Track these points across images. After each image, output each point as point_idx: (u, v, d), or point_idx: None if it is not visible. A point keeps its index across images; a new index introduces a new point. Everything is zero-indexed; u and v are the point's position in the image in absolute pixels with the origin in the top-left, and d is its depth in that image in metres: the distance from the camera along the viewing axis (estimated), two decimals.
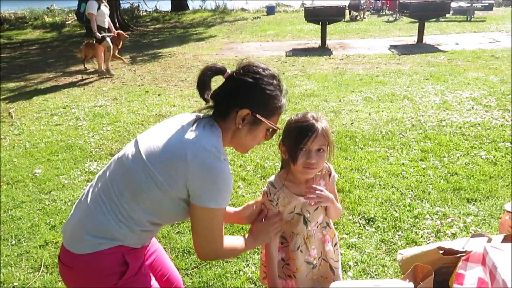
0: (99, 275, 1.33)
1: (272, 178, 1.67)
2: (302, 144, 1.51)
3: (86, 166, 4.16)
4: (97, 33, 7.95)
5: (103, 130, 5.21)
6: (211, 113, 1.44)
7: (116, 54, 9.15)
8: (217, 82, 1.44)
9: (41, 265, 2.67)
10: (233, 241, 1.50)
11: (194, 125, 1.36)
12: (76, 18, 8.49)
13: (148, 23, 19.29)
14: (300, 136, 1.50)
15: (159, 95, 6.80)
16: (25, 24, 19.26)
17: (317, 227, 1.69)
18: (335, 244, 1.78)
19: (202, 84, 1.39)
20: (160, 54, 10.86)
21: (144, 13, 22.17)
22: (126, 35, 9.40)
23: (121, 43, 9.25)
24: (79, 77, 8.66)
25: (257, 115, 1.37)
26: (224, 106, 1.39)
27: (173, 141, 1.32)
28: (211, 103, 1.41)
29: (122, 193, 1.32)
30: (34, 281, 2.53)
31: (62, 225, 3.08)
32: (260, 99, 1.38)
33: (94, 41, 8.31)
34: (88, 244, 1.31)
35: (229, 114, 1.38)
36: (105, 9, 8.12)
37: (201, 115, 1.44)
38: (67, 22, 19.02)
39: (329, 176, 1.70)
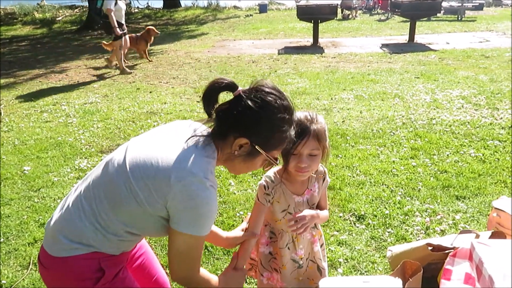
0: (74, 279, 1.30)
1: (269, 173, 1.66)
2: (292, 149, 1.47)
3: (76, 163, 4.12)
4: (117, 29, 7.71)
5: (93, 127, 5.18)
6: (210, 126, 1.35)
7: (146, 51, 8.96)
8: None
9: (29, 263, 2.64)
10: (209, 275, 1.42)
11: (188, 142, 1.26)
12: (98, 14, 8.12)
13: (139, 20, 19.15)
14: None
15: (150, 92, 6.77)
16: (15, 20, 19.04)
17: None
18: (322, 245, 1.78)
19: (208, 97, 1.28)
20: (151, 51, 10.79)
21: (136, 10, 22.02)
22: (157, 31, 9.12)
23: (152, 39, 8.97)
24: (69, 74, 8.57)
25: (256, 147, 1.27)
26: (224, 127, 1.28)
27: (161, 158, 1.22)
28: (214, 116, 1.30)
29: (101, 202, 1.26)
30: (23, 279, 2.50)
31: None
32: (264, 132, 1.26)
33: (113, 38, 8.02)
34: (64, 248, 1.28)
35: (227, 136, 1.28)
36: (122, 4, 7.92)
37: (199, 128, 1.34)
38: (57, 19, 18.84)
39: (323, 180, 1.70)
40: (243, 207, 3.19)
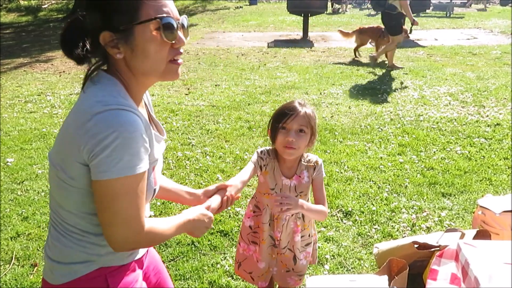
0: None
1: (266, 147, 1.73)
2: (282, 123, 1.56)
3: None
4: (416, 21, 7.01)
5: None
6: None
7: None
8: None
9: (12, 257, 2.59)
10: (158, 224, 1.14)
11: (79, 96, 1.08)
12: (383, 5, 6.97)
13: None
14: (281, 116, 1.57)
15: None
16: None
17: (292, 215, 1.71)
18: (309, 244, 1.78)
19: (66, 38, 1.05)
20: None
21: None
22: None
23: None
24: (55, 63, 8.40)
25: (120, 28, 1.02)
26: (97, 48, 1.05)
27: (62, 127, 1.08)
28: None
29: (58, 212, 1.13)
30: (5, 274, 2.45)
31: (35, 217, 3.00)
32: (112, 8, 1.02)
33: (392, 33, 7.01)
34: (62, 273, 1.14)
35: (96, 51, 1.06)
36: None
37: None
38: (43, 6, 18.45)
39: (314, 169, 1.69)
40: None
